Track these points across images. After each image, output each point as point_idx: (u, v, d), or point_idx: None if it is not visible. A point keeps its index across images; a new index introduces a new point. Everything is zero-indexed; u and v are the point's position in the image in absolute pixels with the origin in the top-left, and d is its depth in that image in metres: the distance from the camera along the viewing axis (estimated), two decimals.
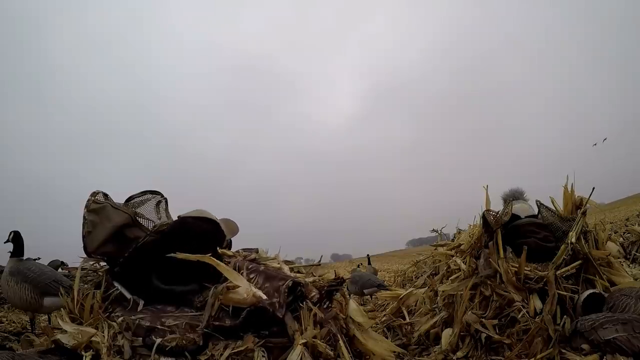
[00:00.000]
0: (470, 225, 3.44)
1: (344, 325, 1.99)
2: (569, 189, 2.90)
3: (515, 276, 2.43)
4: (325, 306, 1.92)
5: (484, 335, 2.33)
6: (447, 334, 2.56)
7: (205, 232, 2.19)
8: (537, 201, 3.08)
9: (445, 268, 3.14)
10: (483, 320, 2.38)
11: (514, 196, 3.35)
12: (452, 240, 3.83)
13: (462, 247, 2.96)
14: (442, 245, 3.41)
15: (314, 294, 1.91)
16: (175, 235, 2.13)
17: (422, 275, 4.22)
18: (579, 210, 2.77)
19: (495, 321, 2.37)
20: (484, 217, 2.69)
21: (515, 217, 2.89)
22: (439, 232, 4.46)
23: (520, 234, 2.73)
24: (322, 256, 2.56)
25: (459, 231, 3.83)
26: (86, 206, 2.11)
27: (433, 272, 3.77)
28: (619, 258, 2.80)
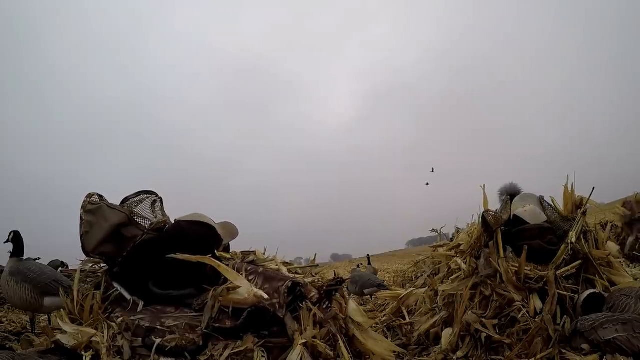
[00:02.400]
0: (469, 224, 3.42)
1: (344, 325, 1.99)
2: (569, 189, 2.89)
3: (515, 276, 2.43)
4: (325, 306, 1.91)
5: (484, 335, 2.33)
6: (447, 334, 2.55)
7: (201, 237, 2.18)
8: (539, 196, 3.03)
9: (446, 269, 3.13)
10: (483, 320, 2.38)
11: (510, 191, 3.30)
12: (451, 239, 3.80)
13: (461, 247, 2.95)
14: (441, 246, 3.40)
15: (313, 294, 1.91)
16: (170, 240, 2.12)
17: (422, 275, 4.22)
18: (579, 210, 2.76)
19: (496, 321, 2.36)
20: (483, 218, 2.68)
21: (522, 221, 2.82)
22: (439, 232, 4.42)
23: (525, 237, 2.68)
24: (316, 254, 2.54)
25: (458, 230, 3.82)
26: (82, 207, 2.11)
27: (433, 272, 3.76)
28: (618, 258, 2.79)
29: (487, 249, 2.63)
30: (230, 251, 2.41)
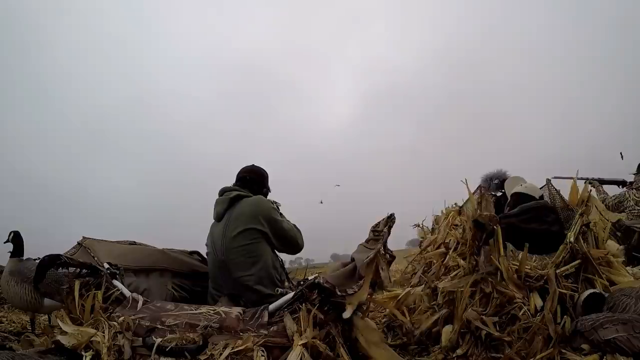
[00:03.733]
0: (443, 212, 3.37)
1: (346, 328, 1.96)
2: (576, 184, 2.88)
3: (515, 274, 2.42)
4: (326, 308, 1.89)
5: (484, 333, 2.32)
6: (447, 331, 2.54)
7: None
8: (547, 179, 3.05)
9: (438, 266, 3.07)
10: (483, 317, 2.37)
11: (499, 176, 3.29)
12: (432, 230, 3.73)
13: (450, 242, 2.91)
14: (428, 245, 3.36)
15: (315, 294, 1.89)
16: None
17: (415, 274, 4.14)
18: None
19: (496, 318, 2.35)
20: (476, 222, 2.54)
21: (527, 197, 2.84)
22: (422, 225, 4.22)
23: (532, 218, 2.73)
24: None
25: (436, 219, 3.73)
26: None
27: (425, 269, 3.68)
28: (618, 257, 2.77)
29: (487, 246, 2.61)
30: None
